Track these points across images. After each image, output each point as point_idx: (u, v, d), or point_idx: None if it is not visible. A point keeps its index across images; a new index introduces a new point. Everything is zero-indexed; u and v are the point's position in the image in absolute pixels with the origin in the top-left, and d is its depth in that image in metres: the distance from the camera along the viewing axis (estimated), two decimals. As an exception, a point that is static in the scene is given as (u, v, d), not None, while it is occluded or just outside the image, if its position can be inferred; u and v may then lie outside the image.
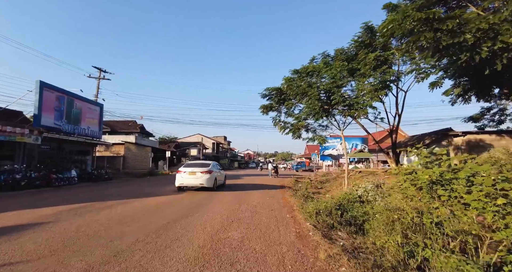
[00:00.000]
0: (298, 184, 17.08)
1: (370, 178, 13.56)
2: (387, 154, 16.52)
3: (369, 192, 6.80)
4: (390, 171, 16.30)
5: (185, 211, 6.74)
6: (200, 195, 10.05)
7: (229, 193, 10.93)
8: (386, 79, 9.87)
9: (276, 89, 14.06)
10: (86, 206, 7.16)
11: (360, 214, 6.29)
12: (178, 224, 5.31)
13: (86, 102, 18.18)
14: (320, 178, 19.77)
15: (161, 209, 6.94)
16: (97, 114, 19.48)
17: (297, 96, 12.02)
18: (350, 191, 7.28)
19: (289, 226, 5.53)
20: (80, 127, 17.19)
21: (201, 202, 8.42)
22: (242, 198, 9.39)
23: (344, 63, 11.36)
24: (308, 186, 15.28)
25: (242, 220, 5.80)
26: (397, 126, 15.77)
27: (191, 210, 6.90)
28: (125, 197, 9.18)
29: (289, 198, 10.02)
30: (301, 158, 66.18)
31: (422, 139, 18.74)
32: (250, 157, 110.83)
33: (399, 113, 15.26)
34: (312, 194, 12.78)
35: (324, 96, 10.73)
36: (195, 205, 7.82)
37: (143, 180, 19.68)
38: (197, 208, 7.19)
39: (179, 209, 7.01)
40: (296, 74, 13.30)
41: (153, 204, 7.83)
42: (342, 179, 17.09)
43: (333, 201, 6.93)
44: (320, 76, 12.08)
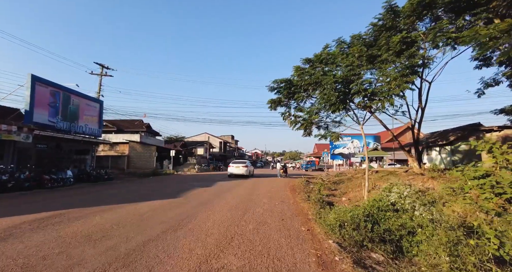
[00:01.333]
0: (310, 185, 15.72)
1: (392, 179, 12.07)
2: (408, 152, 14.93)
3: (405, 198, 5.41)
4: (411, 171, 14.78)
5: (174, 222, 5.50)
6: (197, 200, 8.83)
7: (232, 197, 9.66)
8: (414, 62, 8.39)
9: (285, 81, 12.71)
10: (60, 214, 6.01)
11: (396, 227, 4.93)
12: (160, 243, 4.07)
13: (84, 98, 17.23)
14: (333, 179, 18.32)
15: (148, 219, 5.72)
16: (96, 111, 18.53)
17: (309, 86, 10.64)
18: (380, 196, 5.90)
19: (306, 244, 4.22)
20: (78, 125, 16.24)
21: (194, 210, 7.17)
22: (247, 203, 8.11)
23: (363, 48, 9.91)
24: (321, 188, 13.95)
25: (245, 236, 4.51)
26: (420, 121, 14.17)
27: (183, 221, 5.67)
28: (114, 202, 8.03)
29: (301, 203, 8.70)
30: (310, 157, 64.51)
31: (445, 136, 17.05)
32: (257, 156, 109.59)
33: (423, 107, 13.68)
34: (326, 196, 11.45)
35: (341, 86, 9.33)
36: (189, 214, 6.58)
37: (145, 180, 18.66)
38: (189, 219, 5.94)
39: (167, 219, 5.78)
40: (307, 63, 11.91)
41: (143, 211, 6.63)
42: (358, 180, 15.63)
43: (359, 209, 5.58)
44: (336, 64, 10.67)
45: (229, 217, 6.04)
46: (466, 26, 9.36)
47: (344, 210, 5.71)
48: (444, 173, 11.05)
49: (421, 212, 4.94)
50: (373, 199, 5.78)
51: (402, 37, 8.96)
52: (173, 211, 6.66)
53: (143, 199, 8.70)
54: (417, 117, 14.44)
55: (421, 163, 14.29)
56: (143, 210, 6.74)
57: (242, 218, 5.91)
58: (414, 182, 10.39)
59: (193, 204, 7.70)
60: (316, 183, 16.69)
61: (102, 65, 25.41)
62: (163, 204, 7.76)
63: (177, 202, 8.06)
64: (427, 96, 13.58)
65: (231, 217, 5.99)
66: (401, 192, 5.53)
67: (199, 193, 10.54)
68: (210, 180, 17.93)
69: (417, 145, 14.51)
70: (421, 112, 13.89)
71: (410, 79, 8.07)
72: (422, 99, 13.62)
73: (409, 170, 15.35)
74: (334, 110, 9.56)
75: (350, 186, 14.28)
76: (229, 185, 13.94)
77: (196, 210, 6.83)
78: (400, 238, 4.77)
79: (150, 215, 6.12)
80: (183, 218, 5.85)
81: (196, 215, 6.16)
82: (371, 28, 11.17)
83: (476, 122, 15.87)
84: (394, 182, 10.47)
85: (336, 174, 20.62)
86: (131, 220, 5.57)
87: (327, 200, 10.38)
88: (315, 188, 14.34)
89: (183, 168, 34.53)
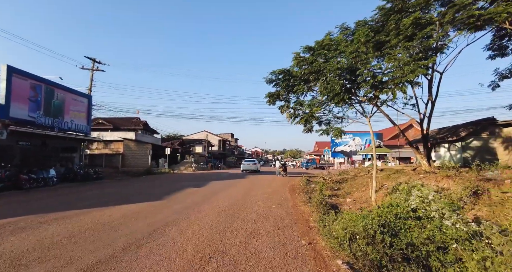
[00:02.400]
0: (311, 185, 14.68)
1: (401, 178, 11.00)
2: (416, 148, 13.84)
3: (430, 203, 4.34)
4: (420, 169, 13.75)
5: (142, 234, 4.45)
6: (183, 203, 7.79)
7: (224, 199, 8.61)
8: (430, 44, 7.29)
9: (283, 72, 11.62)
10: (7, 224, 4.94)
11: (421, 241, 3.88)
12: (110, 266, 3.03)
13: (70, 93, 16.16)
14: (336, 177, 17.27)
15: (112, 229, 4.66)
16: (84, 107, 17.47)
17: (310, 75, 9.56)
18: (397, 200, 4.83)
19: (307, 267, 3.17)
20: (63, 121, 15.18)
21: (174, 217, 6.12)
22: (239, 207, 7.06)
23: (369, 32, 8.80)
24: (323, 188, 12.92)
25: (228, 255, 3.46)
26: (430, 115, 13.07)
27: (155, 232, 4.62)
28: (86, 206, 6.99)
29: (301, 205, 7.65)
30: (311, 155, 63.48)
31: (455, 132, 15.97)
32: (258, 155, 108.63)
33: (433, 100, 12.59)
34: (328, 197, 10.42)
35: (345, 73, 8.24)
36: (166, 222, 5.53)
37: (137, 180, 17.64)
38: (163, 229, 4.89)
39: (137, 229, 4.73)
40: (308, 52, 10.79)
41: (112, 218, 5.58)
42: (363, 179, 14.58)
43: (371, 217, 4.53)
44: (340, 51, 9.57)
45: (214, 226, 4.98)
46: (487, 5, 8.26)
47: (354, 217, 4.66)
48: (459, 171, 10.00)
49: (454, 221, 3.88)
50: (389, 204, 4.72)
51: (415, 18, 7.85)
52: (149, 218, 5.60)
53: (122, 201, 7.65)
54: (426, 111, 13.36)
55: (430, 161, 13.24)
56: (114, 216, 5.69)
57: (229, 227, 4.86)
58: (426, 182, 9.35)
59: (176, 208, 6.65)
60: (317, 182, 15.65)
61: (93, 59, 24.31)
62: (142, 208, 6.70)
63: (159, 206, 7.01)
64: (437, 88, 12.50)
65: (216, 226, 4.94)
66: (424, 195, 4.47)
67: (188, 194, 9.50)
68: (205, 179, 16.89)
69: (426, 141, 13.43)
70: (431, 105, 12.78)
71: (427, 63, 6.98)
72: (432, 91, 12.55)
73: (417, 168, 14.29)
74: (338, 101, 8.47)
75: (354, 185, 13.23)
76: (223, 185, 12.91)
77: (177, 216, 5.77)
78: (428, 256, 3.73)
79: (118, 223, 5.07)
80: (157, 227, 4.80)
81: (175, 224, 5.10)
82: (377, 13, 10.03)
83: (490, 117, 14.79)
84: (404, 181, 9.45)
85: (339, 172, 19.58)
86: (91, 231, 4.52)
87: (329, 201, 9.36)
88: (316, 188, 13.30)
89: (179, 167, 33.51)
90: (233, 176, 20.06)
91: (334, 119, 14.49)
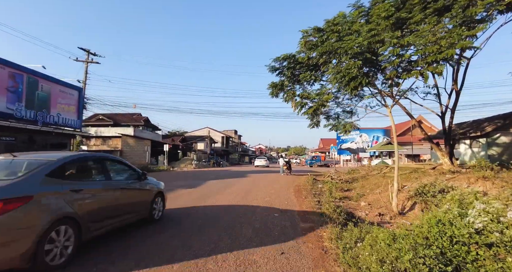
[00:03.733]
0: (318, 185, 13.31)
1: (424, 178, 9.52)
2: (436, 145, 12.33)
3: (510, 225, 2.92)
4: (440, 168, 12.28)
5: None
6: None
7: (217, 203, 7.29)
8: (475, 13, 5.81)
9: (288, 58, 10.20)
10: None
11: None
12: None
13: (57, 84, 14.94)
14: (344, 176, 15.87)
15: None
16: (74, 100, 16.27)
17: (320, 58, 8.13)
18: (448, 215, 3.43)
19: None
20: (47, 114, 13.97)
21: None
22: (233, 217, 5.73)
23: (390, 8, 7.32)
24: (333, 189, 11.54)
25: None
26: (454, 107, 11.54)
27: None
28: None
29: (310, 212, 6.30)
30: (316, 152, 61.99)
31: (478, 127, 14.42)
32: (261, 152, 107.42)
33: (458, 89, 11.07)
34: (339, 200, 9.06)
35: (364, 52, 6.80)
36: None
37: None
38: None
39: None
40: (318, 33, 9.30)
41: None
42: (375, 178, 13.15)
43: (415, 238, 3.15)
44: (354, 30, 8.10)
45: (197, 247, 3.65)
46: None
47: (389, 237, 3.30)
48: (496, 171, 8.53)
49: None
50: (437, 220, 3.33)
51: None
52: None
53: None
54: (449, 102, 11.85)
55: (453, 159, 11.74)
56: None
57: (214, 250, 3.52)
58: (456, 183, 7.93)
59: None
60: (325, 181, 14.26)
61: (88, 50, 23.12)
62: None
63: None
64: (463, 76, 10.97)
65: (200, 248, 3.60)
66: (494, 212, 3.07)
67: (177, 197, 8.21)
68: (202, 178, 15.61)
69: (449, 137, 11.93)
70: (456, 96, 11.27)
71: (474, 32, 5.51)
72: (458, 80, 11.02)
73: (438, 167, 12.80)
74: (355, 86, 7.01)
75: (367, 186, 11.80)
76: (220, 186, 11.59)
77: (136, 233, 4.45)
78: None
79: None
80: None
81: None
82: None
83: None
84: (429, 182, 8.03)
85: (348, 171, 18.12)
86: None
87: (341, 205, 8.00)
88: (324, 189, 11.93)
89: (179, 164, 32.35)
90: (234, 175, 18.76)
91: (343, 113, 13.05)
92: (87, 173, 4.02)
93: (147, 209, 4.83)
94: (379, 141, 40.17)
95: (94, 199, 3.53)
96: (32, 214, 2.71)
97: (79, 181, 3.56)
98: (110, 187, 3.94)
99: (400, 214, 7.42)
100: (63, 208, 3.00)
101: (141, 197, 4.77)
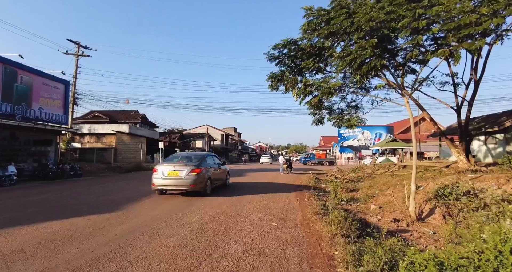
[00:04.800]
0: (321, 184, 12.27)
1: (441, 178, 8.42)
2: (451, 141, 11.24)
3: None
4: (455, 166, 11.22)
5: None
6: (128, 224, 5.45)
7: (203, 209, 6.23)
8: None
9: (288, 44, 9.09)
10: None
11: None
12: None
13: (39, 76, 13.86)
14: (349, 175, 14.82)
15: None
16: (60, 93, 15.19)
17: (326, 40, 7.05)
18: (503, 230, 2.38)
19: None
20: (28, 109, 12.89)
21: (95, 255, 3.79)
22: (219, 228, 4.69)
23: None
24: (338, 189, 10.50)
25: None
26: (472, 99, 10.45)
27: None
28: (13, 221, 4.72)
29: (315, 221, 5.24)
30: (316, 150, 60.91)
31: (495, 121, 13.32)
32: (261, 150, 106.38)
33: (477, 79, 9.97)
34: (346, 202, 8.02)
35: (381, 28, 5.70)
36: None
37: (120, 177, 15.45)
38: None
39: None
40: (323, 12, 8.15)
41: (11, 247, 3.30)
42: (383, 177, 12.07)
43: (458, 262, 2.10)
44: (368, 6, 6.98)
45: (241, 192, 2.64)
46: None
47: (432, 266, 2.26)
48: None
49: None
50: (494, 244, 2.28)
51: None
52: (53, 254, 3.26)
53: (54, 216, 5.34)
54: (466, 94, 10.77)
55: (469, 156, 10.67)
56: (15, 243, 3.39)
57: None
58: (482, 184, 6.88)
59: (121, 230, 4.31)
60: (328, 181, 13.22)
61: (78, 43, 21.98)
62: (66, 231, 4.36)
63: (93, 227, 4.67)
64: (484, 63, 9.86)
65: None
66: None
67: (155, 202, 7.16)
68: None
69: (466, 133, 10.87)
70: (474, 86, 10.19)
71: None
72: (478, 68, 9.92)
73: (452, 165, 11.73)
74: (366, 71, 5.93)
75: (375, 186, 10.74)
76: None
77: (108, 250, 3.43)
78: None
79: None
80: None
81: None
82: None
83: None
84: (450, 182, 6.97)
85: (352, 169, 17.05)
86: None
87: (348, 208, 6.98)
88: (328, 189, 10.88)
89: (176, 162, 31.29)
90: (231, 174, 17.71)
91: (348, 109, 12.04)
92: (211, 160, 9.21)
93: (224, 179, 10.41)
94: (382, 138, 39.08)
95: (214, 171, 8.87)
96: (202, 174, 7.78)
97: (209, 164, 8.79)
98: (216, 167, 9.33)
99: (419, 220, 6.35)
100: (208, 173, 8.25)
101: (223, 173, 10.22)
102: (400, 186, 8.65)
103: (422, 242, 4.93)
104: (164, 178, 7.60)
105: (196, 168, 7.62)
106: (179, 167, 7.70)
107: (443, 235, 5.13)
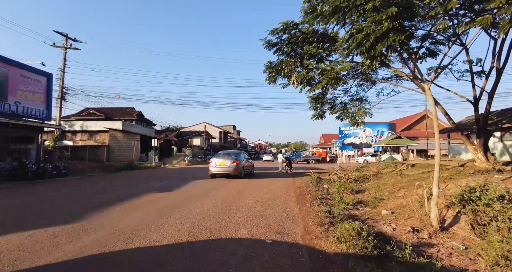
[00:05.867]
0: (323, 185, 11.21)
1: (464, 180, 7.38)
2: (467, 137, 10.15)
3: None
4: (471, 165, 10.17)
5: None
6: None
7: (186, 218, 5.20)
8: None
9: (289, 27, 8.04)
10: None
11: None
12: None
13: (17, 68, 12.73)
14: (352, 175, 13.75)
15: None
16: (42, 87, 14.09)
17: (331, 18, 5.95)
18: None
19: None
20: (3, 103, 11.79)
21: None
22: (201, 246, 3.66)
23: None
24: (342, 190, 9.47)
25: None
26: (493, 90, 9.31)
27: None
28: None
29: (320, 234, 4.18)
30: (317, 148, 59.87)
31: (513, 116, 12.23)
32: (261, 148, 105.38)
33: (500, 67, 8.85)
34: (352, 207, 6.99)
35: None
36: None
37: (109, 177, 14.39)
38: None
39: None
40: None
41: None
42: (391, 177, 10.99)
43: None
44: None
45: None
46: None
47: None
48: None
49: None
50: None
51: None
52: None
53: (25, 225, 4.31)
54: (485, 84, 9.69)
55: (488, 154, 9.60)
56: None
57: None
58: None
59: (78, 247, 3.27)
60: (330, 180, 12.18)
61: (66, 35, 20.86)
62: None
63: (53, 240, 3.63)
64: (509, 49, 8.73)
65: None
66: None
67: (134, 208, 6.10)
68: (188, 177, 13.49)
69: (484, 128, 9.79)
70: (496, 75, 9.07)
71: None
72: (501, 55, 8.79)
73: (468, 163, 10.68)
74: (380, 51, 4.83)
75: (383, 187, 9.68)
76: (204, 188, 9.40)
77: None
78: None
79: None
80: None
81: None
82: None
83: None
84: (477, 184, 5.90)
85: (356, 168, 15.98)
86: None
87: (355, 214, 5.97)
88: (331, 190, 9.83)
89: (171, 160, 30.22)
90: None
91: (351, 102, 11.11)
92: (243, 156, 13.62)
93: (251, 169, 14.95)
94: (384, 135, 37.96)
95: (245, 163, 13.33)
96: (239, 165, 12.31)
97: (242, 158, 13.28)
98: (245, 160, 13.82)
99: (442, 230, 5.30)
100: (242, 164, 12.76)
101: (250, 165, 14.74)
102: (414, 187, 7.61)
103: (456, 263, 3.89)
104: (216, 167, 12.26)
105: (236, 160, 12.30)
106: (225, 159, 12.34)
107: (479, 252, 4.09)
